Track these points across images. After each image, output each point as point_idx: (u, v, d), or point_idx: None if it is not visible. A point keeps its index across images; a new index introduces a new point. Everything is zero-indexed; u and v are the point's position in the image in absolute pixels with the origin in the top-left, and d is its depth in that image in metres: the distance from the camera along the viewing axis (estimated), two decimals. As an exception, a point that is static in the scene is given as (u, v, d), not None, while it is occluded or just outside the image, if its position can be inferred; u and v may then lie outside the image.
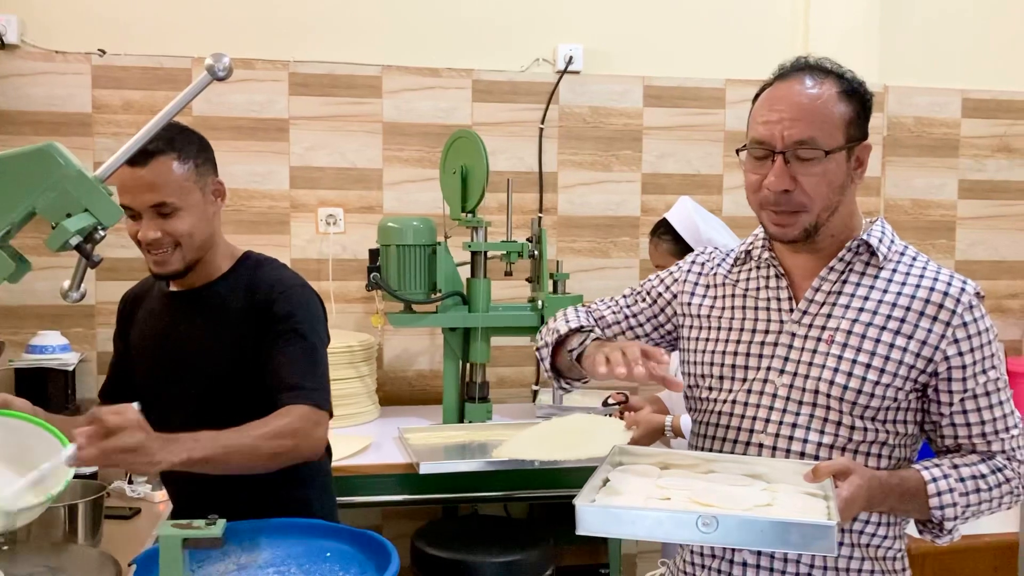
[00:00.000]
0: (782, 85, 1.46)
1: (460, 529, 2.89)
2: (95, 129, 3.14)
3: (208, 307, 1.85)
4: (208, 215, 1.82)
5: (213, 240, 1.85)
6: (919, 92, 3.62)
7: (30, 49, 3.09)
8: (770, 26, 3.52)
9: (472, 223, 2.96)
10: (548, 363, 1.69)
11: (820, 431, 1.46)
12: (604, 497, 1.33)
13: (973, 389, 1.45)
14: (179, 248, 1.78)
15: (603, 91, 3.43)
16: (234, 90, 3.21)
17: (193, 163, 1.78)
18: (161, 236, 1.75)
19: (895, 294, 1.46)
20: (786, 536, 1.19)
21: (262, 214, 3.26)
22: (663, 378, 1.39)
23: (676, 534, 1.24)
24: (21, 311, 3.13)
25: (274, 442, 1.62)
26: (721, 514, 1.21)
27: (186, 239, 1.78)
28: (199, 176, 1.80)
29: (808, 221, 1.44)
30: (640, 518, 1.24)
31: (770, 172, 1.43)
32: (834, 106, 1.42)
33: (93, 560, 1.58)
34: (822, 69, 1.46)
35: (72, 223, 1.22)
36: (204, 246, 1.82)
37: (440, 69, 3.33)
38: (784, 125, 1.41)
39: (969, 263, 3.69)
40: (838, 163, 1.43)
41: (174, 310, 1.89)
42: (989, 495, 1.45)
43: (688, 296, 1.65)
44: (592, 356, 1.48)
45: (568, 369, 1.63)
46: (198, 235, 1.79)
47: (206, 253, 1.84)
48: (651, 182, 3.48)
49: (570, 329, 1.64)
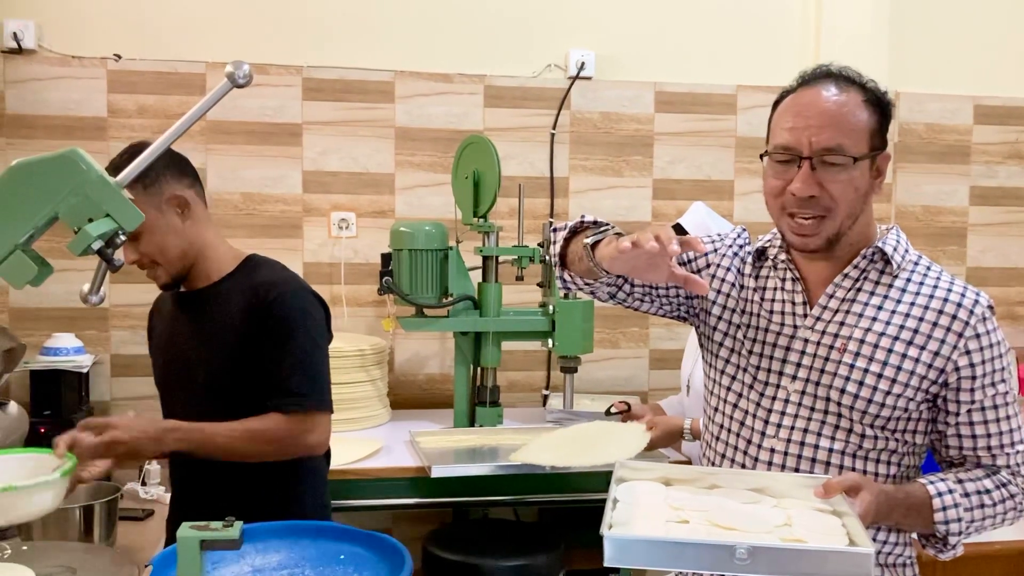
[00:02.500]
0: (807, 91, 1.45)
1: (471, 533, 2.89)
2: (110, 133, 3.16)
3: (211, 307, 1.89)
4: (175, 227, 1.83)
5: (199, 247, 1.88)
6: (930, 99, 3.62)
7: (47, 54, 3.12)
8: (781, 32, 3.52)
9: (484, 228, 2.97)
10: (559, 247, 1.60)
11: (831, 437, 1.47)
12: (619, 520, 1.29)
13: (981, 401, 1.45)
14: (158, 265, 1.84)
15: (614, 97, 3.44)
16: (247, 95, 3.22)
17: (141, 186, 1.76)
18: (138, 257, 1.82)
19: (909, 304, 1.46)
20: (823, 564, 1.17)
21: (275, 218, 3.27)
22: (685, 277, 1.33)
23: (711, 565, 1.21)
24: (35, 313, 3.16)
25: (250, 445, 1.77)
26: (758, 545, 1.18)
27: (160, 256, 1.83)
28: (148, 196, 1.79)
29: (831, 230, 1.43)
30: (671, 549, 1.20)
31: (796, 178, 1.41)
32: (860, 114, 1.42)
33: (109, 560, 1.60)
34: (845, 77, 1.45)
35: (94, 228, 1.24)
36: (187, 255, 1.86)
37: (452, 75, 3.35)
38: (812, 131, 1.41)
39: (980, 270, 3.68)
40: (862, 171, 1.43)
41: (181, 310, 1.95)
42: (993, 511, 1.45)
43: (724, 271, 1.60)
44: (612, 242, 1.39)
45: (578, 259, 1.52)
46: (171, 249, 1.84)
47: (196, 260, 1.88)
48: (662, 188, 3.49)
49: (594, 221, 1.56)
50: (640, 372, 3.53)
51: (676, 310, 1.65)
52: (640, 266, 1.34)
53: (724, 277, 1.61)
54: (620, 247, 1.32)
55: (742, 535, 1.23)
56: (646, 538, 1.23)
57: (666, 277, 1.35)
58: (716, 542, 1.20)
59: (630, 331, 3.49)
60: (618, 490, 1.41)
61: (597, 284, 1.56)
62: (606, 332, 3.45)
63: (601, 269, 1.45)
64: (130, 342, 3.21)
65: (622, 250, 1.32)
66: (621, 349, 3.49)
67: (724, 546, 1.18)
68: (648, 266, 1.33)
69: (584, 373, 3.21)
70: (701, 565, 1.23)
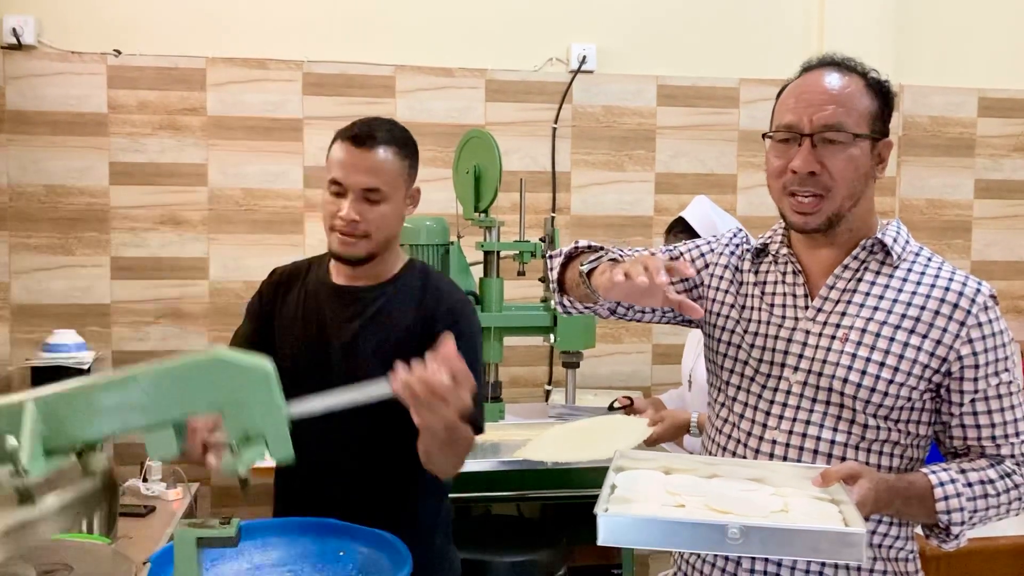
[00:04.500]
0: (809, 76, 1.47)
1: (473, 529, 2.89)
2: (110, 129, 3.16)
3: (372, 310, 1.79)
4: (400, 215, 1.81)
5: (394, 242, 1.83)
6: (935, 91, 3.60)
7: (47, 50, 3.11)
8: (784, 25, 3.50)
9: (485, 223, 2.96)
10: (556, 273, 1.65)
11: (834, 428, 1.46)
12: (616, 504, 1.30)
13: (984, 390, 1.44)
14: (367, 238, 1.75)
15: (616, 91, 3.43)
16: (248, 90, 3.22)
17: (409, 162, 1.80)
18: (359, 220, 1.73)
19: (910, 293, 1.46)
20: (816, 545, 1.18)
21: (276, 213, 3.27)
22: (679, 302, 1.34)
23: (704, 545, 1.22)
24: (37, 310, 3.15)
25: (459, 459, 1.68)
26: (751, 524, 1.19)
27: (378, 231, 1.75)
28: (408, 177, 1.81)
29: (831, 208, 1.44)
30: (665, 528, 1.21)
31: (796, 155, 1.43)
32: (861, 96, 1.45)
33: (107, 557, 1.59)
34: (848, 66, 1.48)
35: (249, 454, 1.19)
36: (388, 243, 1.80)
37: (453, 69, 3.33)
38: (812, 109, 1.42)
39: (985, 263, 3.66)
40: (863, 150, 1.44)
41: (335, 304, 1.82)
42: (997, 500, 1.44)
43: (721, 269, 1.63)
44: (607, 271, 1.41)
45: (575, 285, 1.57)
46: (389, 230, 1.78)
47: (384, 252, 1.80)
48: (664, 182, 3.47)
49: (588, 245, 1.61)
50: (643, 367, 3.52)
51: (678, 316, 1.67)
52: (635, 295, 1.36)
53: (722, 275, 1.62)
54: (614, 279, 1.34)
55: (736, 517, 1.23)
56: (639, 517, 1.23)
57: (660, 302, 1.36)
58: (709, 521, 1.20)
59: (632, 326, 3.48)
60: (616, 477, 1.41)
61: (596, 306, 1.60)
62: (608, 327, 3.44)
63: (598, 296, 1.47)
64: (132, 338, 3.20)
65: (616, 283, 1.35)
66: (623, 344, 3.48)
67: (717, 525, 1.19)
68: (643, 294, 1.35)
69: (586, 368, 3.20)
70: (695, 545, 1.24)
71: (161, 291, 3.23)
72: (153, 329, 3.22)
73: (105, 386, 1.17)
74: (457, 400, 1.39)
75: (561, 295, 1.65)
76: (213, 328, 3.24)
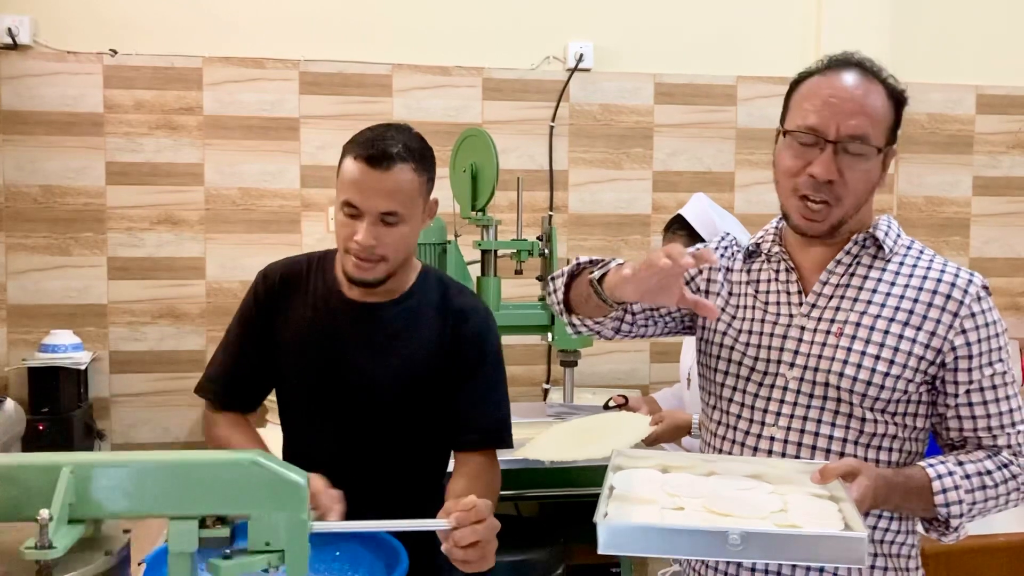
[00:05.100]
0: (834, 76, 1.45)
1: (471, 528, 2.88)
2: (107, 129, 3.15)
3: (392, 328, 1.71)
4: (418, 232, 1.69)
5: (411, 256, 1.74)
6: (933, 88, 3.60)
7: (43, 49, 3.10)
8: (782, 22, 3.50)
9: (482, 221, 2.95)
10: (560, 295, 1.61)
11: (831, 424, 1.46)
12: (615, 506, 1.29)
13: (979, 381, 1.44)
14: (384, 261, 1.63)
15: (614, 89, 3.42)
16: (245, 89, 3.21)
17: (428, 176, 1.67)
18: (376, 244, 1.61)
19: (903, 286, 1.47)
20: (817, 550, 1.19)
21: (273, 213, 3.26)
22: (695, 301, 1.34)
23: (704, 551, 1.22)
24: (34, 310, 3.15)
25: None
26: (752, 531, 1.18)
27: (395, 254, 1.64)
28: (427, 192, 1.68)
29: (838, 216, 1.44)
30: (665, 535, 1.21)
31: (817, 161, 1.41)
32: (884, 107, 1.45)
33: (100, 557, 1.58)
34: (871, 70, 1.47)
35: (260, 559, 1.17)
36: (404, 260, 1.69)
37: (450, 67, 3.33)
38: (841, 117, 1.41)
39: (984, 261, 3.66)
40: (877, 164, 1.45)
41: (350, 323, 1.72)
42: (995, 492, 1.44)
43: (714, 272, 1.62)
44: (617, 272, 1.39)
45: (584, 300, 1.53)
46: (407, 251, 1.68)
47: (400, 268, 1.70)
48: (662, 180, 3.47)
49: (590, 260, 1.58)
50: (641, 365, 3.51)
51: (679, 324, 1.66)
52: (652, 288, 1.34)
53: (715, 278, 1.62)
54: (635, 266, 1.33)
55: (736, 521, 1.23)
56: (640, 525, 1.23)
57: (676, 300, 1.35)
58: (710, 528, 1.20)
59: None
60: (614, 478, 1.40)
61: (604, 320, 1.58)
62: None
63: (611, 300, 1.45)
64: (128, 338, 3.20)
65: (634, 270, 1.33)
66: (622, 342, 3.47)
67: (717, 532, 1.19)
68: (659, 287, 1.34)
69: (584, 367, 3.19)
70: (695, 551, 1.24)
71: (158, 291, 3.22)
72: (150, 329, 3.22)
73: (141, 464, 1.16)
74: None
75: (569, 315, 1.62)
76: (210, 328, 3.23)
